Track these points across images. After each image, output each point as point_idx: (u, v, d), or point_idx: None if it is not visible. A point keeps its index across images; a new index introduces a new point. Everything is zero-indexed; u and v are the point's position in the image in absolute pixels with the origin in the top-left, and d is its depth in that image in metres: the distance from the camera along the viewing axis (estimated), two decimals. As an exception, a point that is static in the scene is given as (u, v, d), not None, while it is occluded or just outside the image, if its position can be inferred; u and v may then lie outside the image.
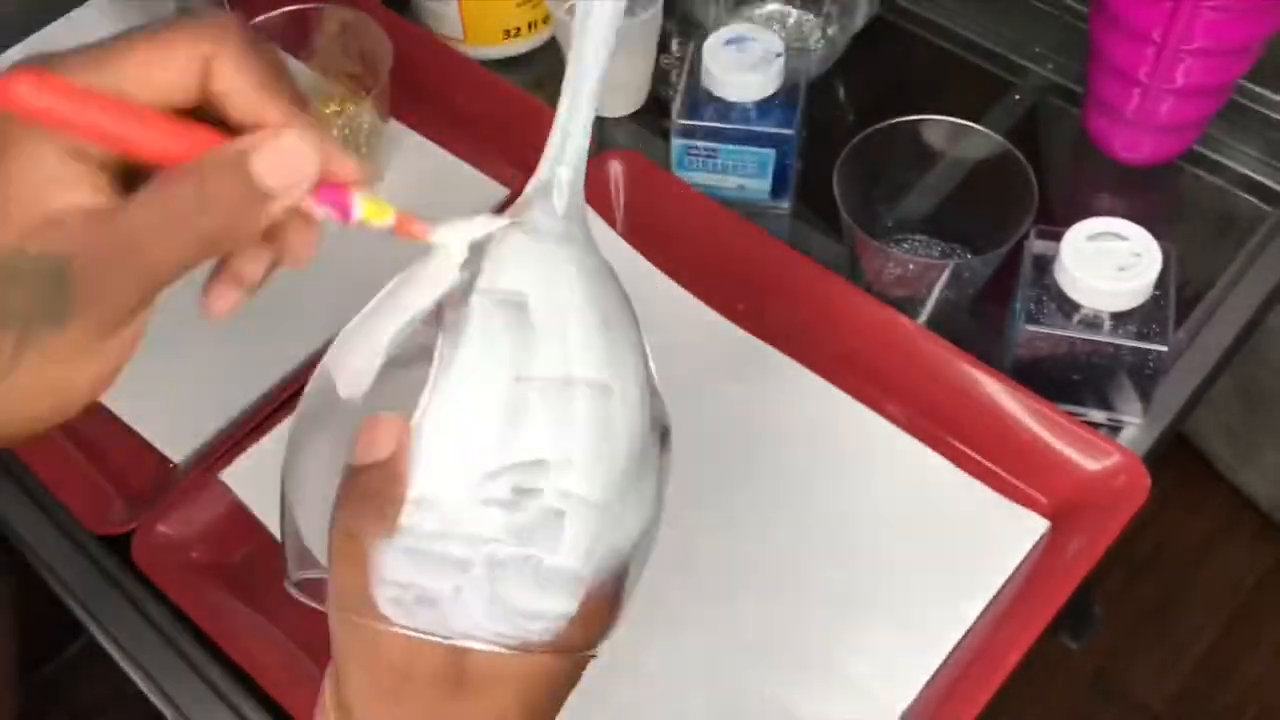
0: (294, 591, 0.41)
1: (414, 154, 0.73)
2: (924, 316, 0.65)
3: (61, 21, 0.80)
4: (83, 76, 0.31)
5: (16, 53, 0.78)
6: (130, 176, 0.33)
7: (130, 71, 0.32)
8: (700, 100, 0.68)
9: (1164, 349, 0.57)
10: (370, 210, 0.34)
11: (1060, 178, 0.74)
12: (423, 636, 0.35)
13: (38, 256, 0.31)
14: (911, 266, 0.63)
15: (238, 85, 0.33)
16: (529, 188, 0.41)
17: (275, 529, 0.58)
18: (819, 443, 0.60)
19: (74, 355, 0.33)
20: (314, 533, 0.40)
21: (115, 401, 0.63)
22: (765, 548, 0.57)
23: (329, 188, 0.33)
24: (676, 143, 0.69)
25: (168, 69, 0.32)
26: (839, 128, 0.72)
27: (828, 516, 0.58)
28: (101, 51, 0.32)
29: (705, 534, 0.57)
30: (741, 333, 0.64)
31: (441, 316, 0.37)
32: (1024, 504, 0.58)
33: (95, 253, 0.31)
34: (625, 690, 0.53)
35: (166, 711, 0.56)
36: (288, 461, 0.41)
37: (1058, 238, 0.58)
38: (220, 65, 0.33)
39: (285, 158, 0.32)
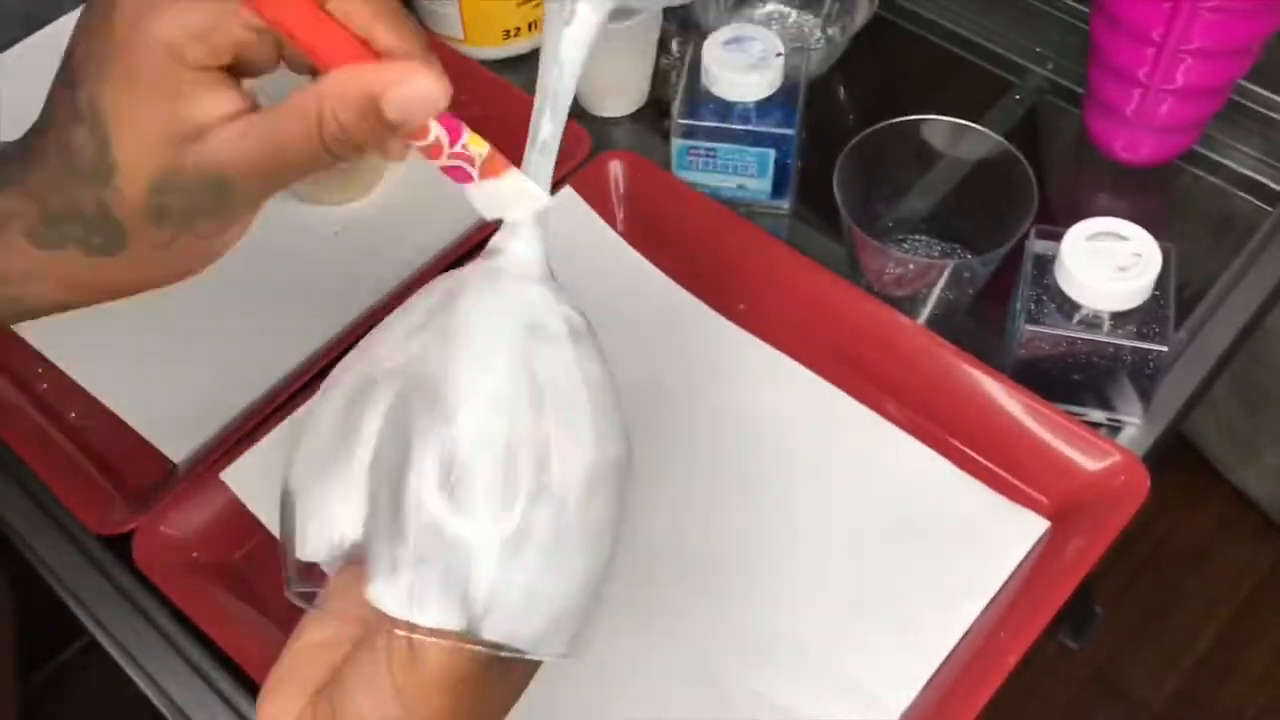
0: (297, 601, 0.41)
1: (414, 154, 0.73)
2: (924, 316, 0.65)
3: (62, 20, 0.80)
4: None
5: (17, 51, 0.78)
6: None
7: None
8: (700, 100, 0.68)
9: (1164, 349, 0.57)
10: (473, 140, 0.39)
11: (1060, 178, 0.74)
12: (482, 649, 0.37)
13: (198, 170, 0.35)
14: (911, 266, 0.63)
15: (353, 11, 0.36)
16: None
17: (275, 529, 0.58)
18: (819, 443, 0.60)
19: (220, 231, 0.38)
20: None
21: (115, 401, 0.63)
22: (765, 547, 0.57)
23: (443, 116, 0.38)
24: (676, 143, 0.69)
25: None
26: (839, 128, 0.72)
27: (827, 516, 0.58)
28: None
29: (703, 533, 0.57)
30: (742, 332, 0.64)
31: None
32: (1024, 504, 0.58)
33: (249, 165, 0.36)
34: (623, 691, 0.53)
35: (166, 711, 0.56)
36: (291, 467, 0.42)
37: (1058, 238, 0.58)
38: None
39: (413, 99, 0.36)
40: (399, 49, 0.36)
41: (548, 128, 0.45)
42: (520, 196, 0.41)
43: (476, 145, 0.39)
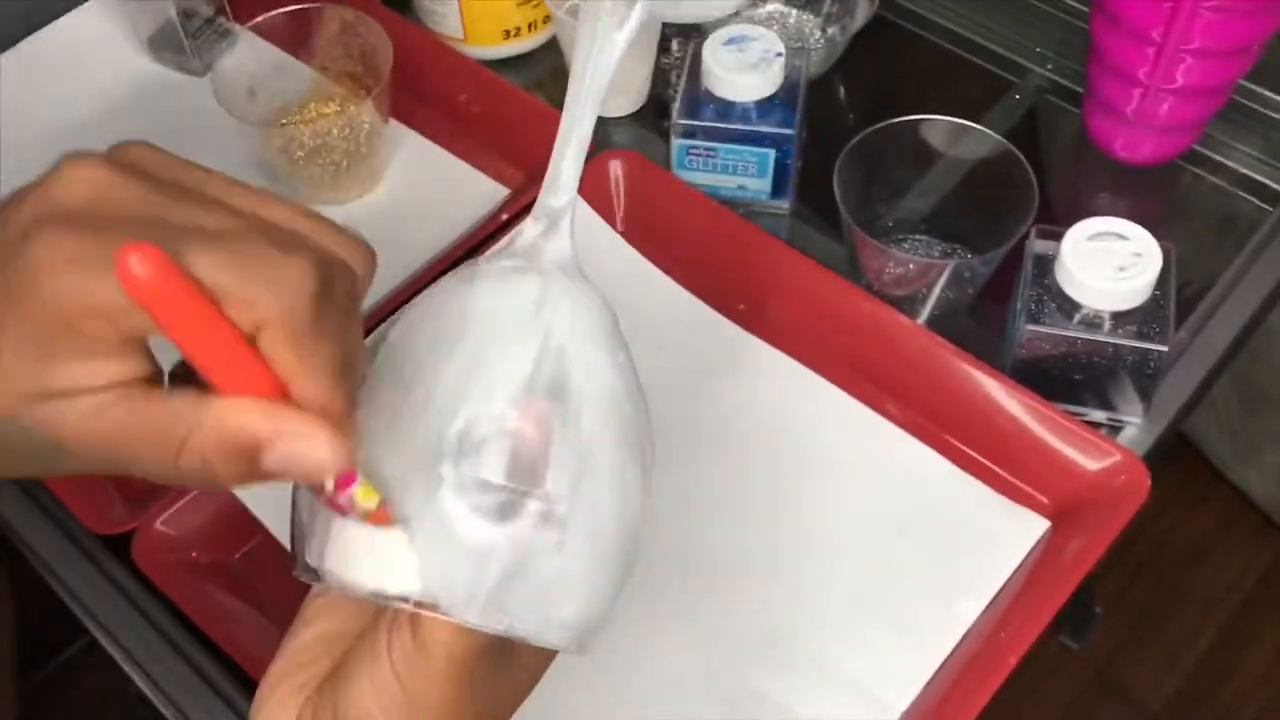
0: (303, 577, 0.40)
1: (414, 154, 0.73)
2: (924, 316, 0.65)
3: (62, 20, 0.80)
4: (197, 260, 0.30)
5: (17, 51, 0.78)
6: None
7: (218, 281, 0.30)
8: (700, 100, 0.68)
9: (1164, 349, 0.57)
10: (364, 493, 0.35)
11: (1060, 177, 0.74)
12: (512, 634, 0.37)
13: (38, 427, 0.31)
14: (912, 266, 0.63)
15: (279, 357, 0.31)
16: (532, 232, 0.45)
17: (275, 529, 0.58)
18: (819, 442, 0.60)
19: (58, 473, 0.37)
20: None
21: (115, 401, 0.63)
22: (764, 547, 0.57)
23: None
24: (676, 143, 0.69)
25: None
26: (839, 128, 0.72)
27: (827, 516, 0.58)
28: (223, 248, 0.31)
29: (704, 533, 0.57)
30: (741, 332, 0.64)
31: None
32: (1024, 504, 0.58)
33: (87, 448, 0.32)
34: (623, 690, 0.53)
35: (166, 711, 0.56)
36: None
37: (1058, 237, 0.58)
38: (268, 333, 0.31)
39: (303, 462, 0.32)
40: (315, 400, 0.32)
41: (584, 125, 0.46)
42: (385, 560, 0.36)
43: (365, 499, 0.35)
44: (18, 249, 0.30)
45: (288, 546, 0.57)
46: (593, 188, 0.67)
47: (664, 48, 0.77)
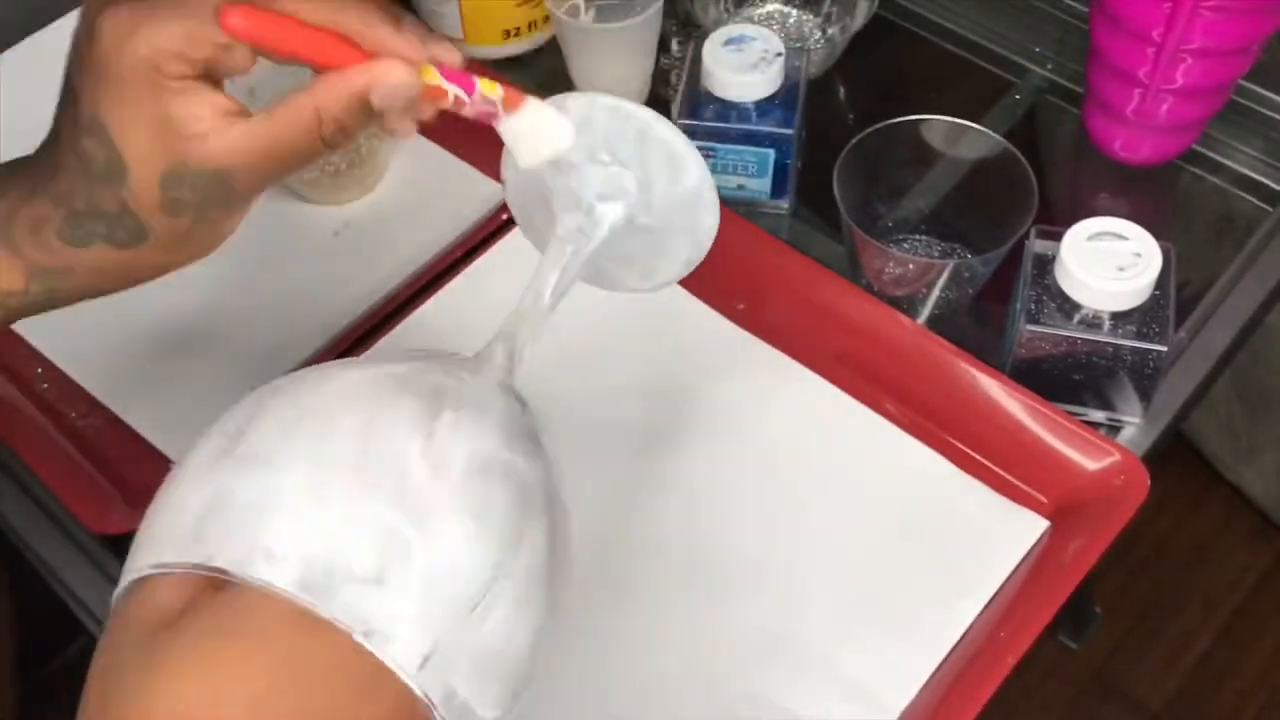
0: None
1: (414, 154, 0.73)
2: (924, 316, 0.65)
3: (62, 20, 0.80)
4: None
5: (16, 51, 0.78)
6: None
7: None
8: (700, 100, 0.68)
9: (1164, 349, 0.57)
10: (486, 86, 0.42)
11: (1060, 178, 0.74)
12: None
13: (200, 166, 0.40)
14: (911, 266, 0.63)
15: (355, 32, 0.40)
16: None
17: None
18: (819, 442, 0.60)
19: (228, 216, 0.43)
20: None
21: (115, 401, 0.63)
22: (765, 548, 0.57)
23: (453, 75, 0.42)
24: (676, 142, 0.69)
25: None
26: (839, 128, 0.72)
27: (827, 516, 0.58)
28: None
29: (704, 534, 0.57)
30: (741, 332, 0.64)
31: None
32: (1024, 504, 0.58)
33: (252, 161, 0.40)
34: (624, 691, 0.53)
35: (166, 711, 0.56)
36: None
37: (1058, 238, 0.58)
38: (341, 21, 0.40)
39: (395, 90, 0.40)
40: (375, 40, 0.41)
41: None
42: (542, 130, 0.45)
43: (490, 90, 0.42)
44: (100, 41, 0.39)
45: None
46: (593, 188, 0.67)
47: (664, 48, 0.77)
